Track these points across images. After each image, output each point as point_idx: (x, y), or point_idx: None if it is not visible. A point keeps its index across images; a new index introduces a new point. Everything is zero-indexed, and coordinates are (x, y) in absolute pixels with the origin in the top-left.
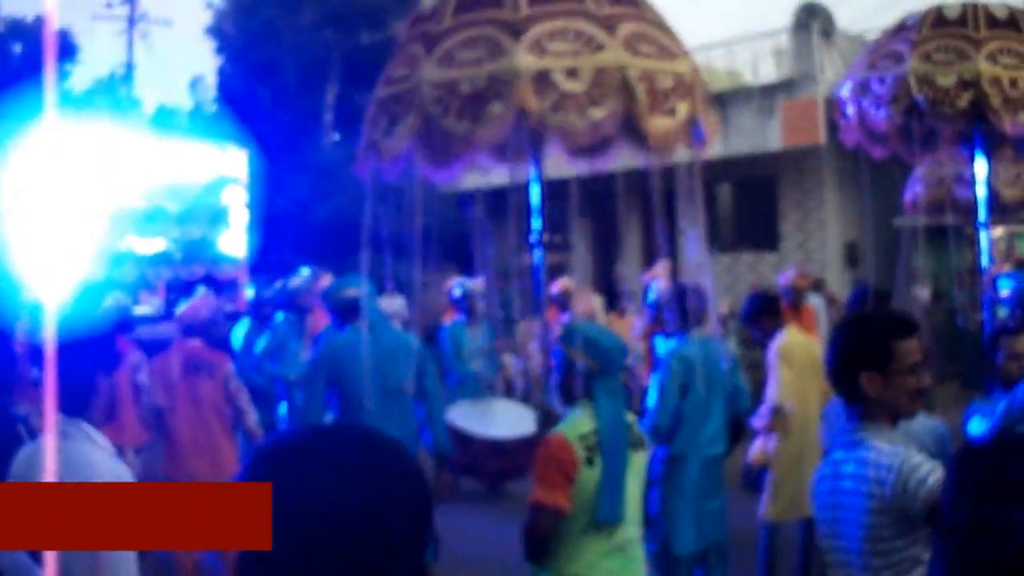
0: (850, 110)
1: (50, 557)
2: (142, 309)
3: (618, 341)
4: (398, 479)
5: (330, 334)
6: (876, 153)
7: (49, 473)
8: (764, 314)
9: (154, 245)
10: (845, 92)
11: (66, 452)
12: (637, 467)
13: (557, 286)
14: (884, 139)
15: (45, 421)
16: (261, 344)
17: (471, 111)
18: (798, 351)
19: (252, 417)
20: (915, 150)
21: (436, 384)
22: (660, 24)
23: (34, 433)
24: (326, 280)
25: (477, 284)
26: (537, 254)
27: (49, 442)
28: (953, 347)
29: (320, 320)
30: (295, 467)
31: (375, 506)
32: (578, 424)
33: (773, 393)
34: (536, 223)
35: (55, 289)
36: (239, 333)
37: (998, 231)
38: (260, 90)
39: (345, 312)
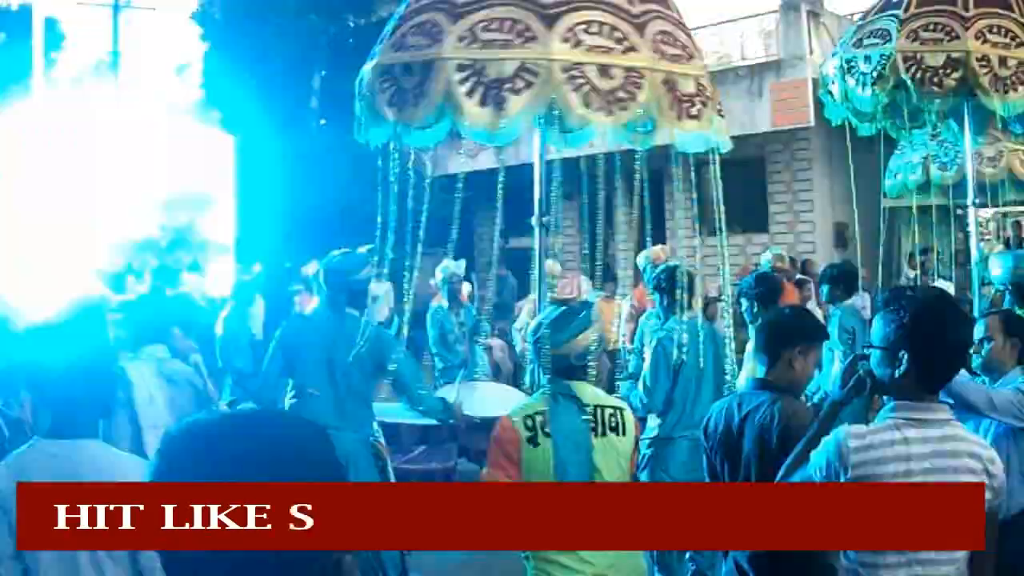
0: (835, 88)
1: None
2: (127, 297)
3: (560, 337)
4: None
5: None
6: (862, 129)
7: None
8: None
9: (139, 231)
10: (829, 69)
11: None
12: (610, 451)
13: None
14: (870, 117)
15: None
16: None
17: (495, 95)
18: None
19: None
20: (902, 125)
21: (412, 367)
22: (681, 22)
23: (23, 428)
24: (312, 268)
25: (459, 267)
26: (534, 236)
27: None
28: None
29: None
30: (190, 449)
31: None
32: (529, 405)
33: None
34: (534, 205)
35: (43, 281)
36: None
37: (986, 212)
38: (246, 76)
39: (354, 295)
